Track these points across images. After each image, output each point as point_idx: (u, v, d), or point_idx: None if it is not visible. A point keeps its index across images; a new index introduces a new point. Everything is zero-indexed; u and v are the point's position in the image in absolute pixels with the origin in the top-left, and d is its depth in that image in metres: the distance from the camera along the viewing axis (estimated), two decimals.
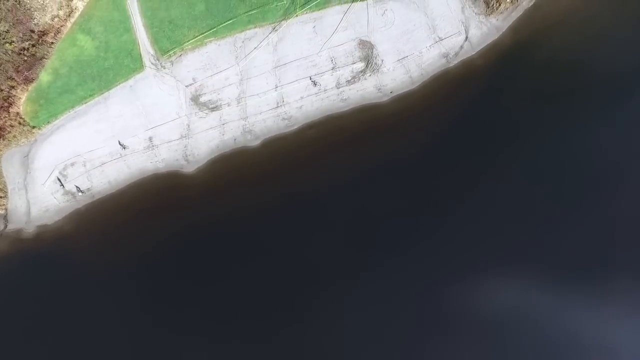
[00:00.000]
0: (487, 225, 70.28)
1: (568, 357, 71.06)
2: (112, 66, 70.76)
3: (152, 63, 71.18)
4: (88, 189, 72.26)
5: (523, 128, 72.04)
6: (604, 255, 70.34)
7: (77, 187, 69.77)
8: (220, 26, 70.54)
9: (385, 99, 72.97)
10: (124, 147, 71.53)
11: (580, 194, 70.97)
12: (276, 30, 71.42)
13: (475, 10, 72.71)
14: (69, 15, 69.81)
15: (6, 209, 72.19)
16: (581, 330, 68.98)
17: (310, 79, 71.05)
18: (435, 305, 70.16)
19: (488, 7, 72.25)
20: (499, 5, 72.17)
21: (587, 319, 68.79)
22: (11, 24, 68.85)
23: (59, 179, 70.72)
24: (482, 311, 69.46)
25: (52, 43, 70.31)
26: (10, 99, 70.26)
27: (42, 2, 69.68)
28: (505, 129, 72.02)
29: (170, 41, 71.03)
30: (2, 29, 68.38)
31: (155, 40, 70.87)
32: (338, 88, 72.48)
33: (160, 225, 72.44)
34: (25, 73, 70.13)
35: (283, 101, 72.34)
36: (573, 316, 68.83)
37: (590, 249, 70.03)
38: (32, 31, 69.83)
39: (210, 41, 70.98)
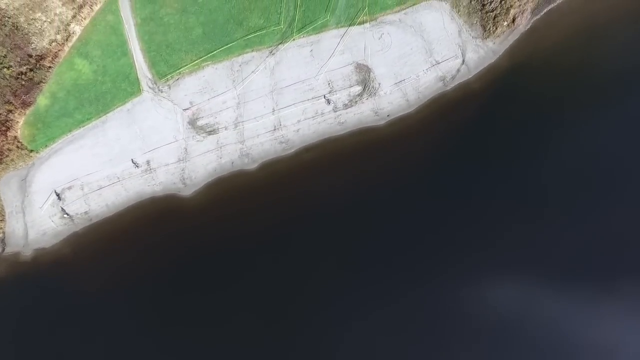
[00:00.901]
0: (490, 229, 69.67)
1: (570, 358, 70.11)
2: (110, 90, 69.54)
3: (149, 87, 70.03)
4: (86, 212, 71.46)
5: (519, 151, 71.65)
6: (606, 256, 69.47)
7: (62, 208, 68.70)
8: (218, 50, 69.55)
9: (382, 122, 71.92)
10: (137, 165, 70.31)
11: (582, 197, 70.66)
12: (273, 54, 70.22)
13: (472, 34, 71.74)
14: (67, 40, 68.57)
15: (4, 232, 70.87)
16: (583, 331, 67.93)
17: (325, 97, 70.22)
18: (437, 306, 69.17)
19: (485, 31, 71.30)
20: (496, 28, 71.19)
21: (589, 320, 67.84)
22: (9, 49, 67.67)
23: (58, 196, 70.10)
24: (484, 312, 68.53)
25: (50, 67, 69.00)
26: (7, 122, 68.75)
27: (39, 26, 68.90)
28: (502, 152, 71.52)
29: (167, 65, 69.83)
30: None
31: (152, 64, 69.74)
32: (335, 111, 71.20)
33: (158, 248, 71.14)
34: (23, 97, 68.82)
35: (280, 124, 71.20)
36: (575, 317, 68.01)
37: (592, 250, 69.30)
38: (30, 55, 68.95)
39: (208, 65, 69.85)
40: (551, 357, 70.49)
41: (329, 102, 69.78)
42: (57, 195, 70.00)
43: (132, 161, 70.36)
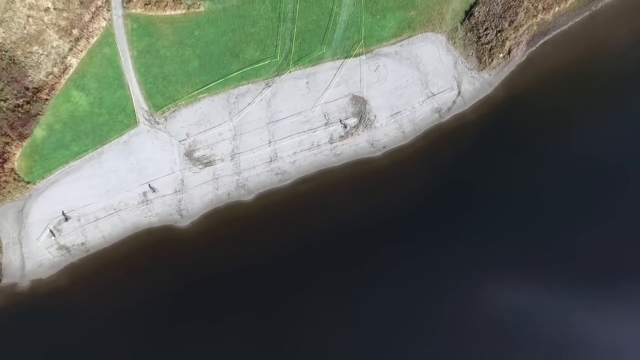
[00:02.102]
0: (494, 230, 69.03)
1: (574, 357, 68.85)
2: (106, 122, 68.10)
3: (146, 119, 68.58)
4: (82, 243, 70.12)
5: (515, 182, 70.63)
6: (609, 257, 68.29)
7: (51, 230, 67.57)
8: (214, 82, 67.93)
9: (378, 153, 70.35)
10: (154, 190, 69.30)
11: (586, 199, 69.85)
12: (269, 86, 68.55)
13: (467, 66, 70.29)
14: (64, 72, 66.94)
15: (0, 264, 68.54)
16: (585, 331, 66.89)
17: (341, 122, 69.00)
18: (441, 307, 68.34)
19: (480, 63, 69.74)
20: (492, 60, 69.65)
21: (590, 320, 66.77)
22: (6, 82, 65.47)
23: (52, 233, 69.26)
24: (486, 313, 67.55)
25: (47, 99, 67.19)
26: (4, 155, 66.92)
27: (36, 59, 67.72)
28: (498, 183, 70.46)
29: (164, 97, 68.33)
30: None
31: (149, 96, 68.26)
32: (331, 143, 69.58)
33: (155, 279, 69.46)
34: (20, 129, 67.10)
35: (276, 156, 69.53)
36: (577, 317, 66.84)
37: (595, 251, 68.17)
38: (27, 88, 67.29)
39: (204, 97, 68.32)
40: (552, 357, 69.18)
41: (345, 126, 68.85)
42: (54, 226, 69.21)
43: (149, 186, 69.24)
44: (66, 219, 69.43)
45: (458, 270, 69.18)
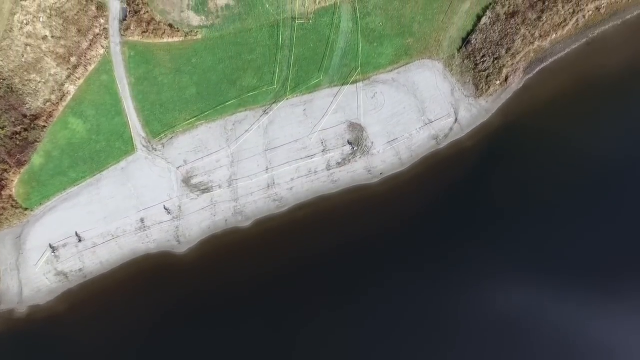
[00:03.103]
0: (491, 252, 67.93)
1: (571, 358, 67.99)
2: (104, 148, 67.04)
3: (143, 145, 67.54)
4: (80, 269, 68.97)
5: (512, 208, 69.98)
6: (608, 257, 67.40)
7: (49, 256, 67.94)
8: (211, 110, 66.84)
9: (375, 180, 68.95)
10: (168, 211, 68.52)
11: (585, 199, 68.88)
12: (267, 113, 67.48)
13: (464, 93, 69.04)
14: (61, 99, 65.95)
15: None
16: (584, 331, 66.04)
17: (349, 142, 67.50)
18: (440, 307, 67.76)
19: (477, 89, 68.48)
20: (488, 87, 68.34)
21: (590, 320, 66.02)
22: (3, 109, 64.39)
23: (52, 253, 68.49)
24: (485, 313, 66.84)
25: (44, 126, 66.04)
26: (2, 181, 65.96)
27: (34, 87, 66.72)
28: (495, 210, 69.76)
29: (161, 124, 67.21)
30: None
31: (146, 123, 67.12)
32: (328, 170, 68.31)
33: (152, 305, 68.10)
34: (17, 156, 65.86)
35: (274, 183, 68.26)
36: (577, 317, 66.22)
37: (595, 252, 67.25)
38: (24, 115, 65.80)
39: (201, 124, 67.15)
40: (552, 357, 68.19)
41: (353, 147, 68.19)
42: (52, 251, 68.67)
43: (164, 207, 68.49)
44: (64, 245, 68.85)
45: (457, 291, 68.71)
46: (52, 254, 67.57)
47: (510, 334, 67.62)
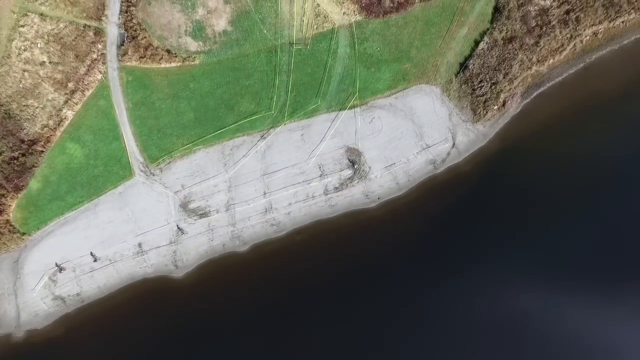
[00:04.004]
0: (489, 276, 67.46)
1: (572, 358, 67.65)
2: (102, 173, 66.04)
3: (141, 170, 66.56)
4: (78, 294, 68.00)
5: (509, 233, 69.48)
6: (608, 257, 67.42)
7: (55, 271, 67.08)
8: (209, 135, 66.00)
9: (372, 204, 68.11)
10: (182, 232, 67.08)
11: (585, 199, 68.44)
12: (264, 138, 66.50)
13: (462, 118, 68.13)
14: (59, 125, 64.92)
15: None
16: (585, 331, 65.77)
17: (353, 163, 66.88)
18: (440, 308, 67.60)
19: (475, 114, 67.53)
20: (486, 112, 67.35)
21: (592, 321, 65.71)
22: (1, 135, 63.37)
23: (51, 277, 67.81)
24: (487, 313, 66.65)
25: (42, 151, 64.97)
26: (0, 206, 66.59)
27: (32, 112, 65.65)
28: (493, 235, 69.13)
29: (159, 149, 66.22)
30: None
31: (144, 148, 66.21)
32: (326, 194, 67.47)
33: (150, 329, 67.12)
34: (15, 181, 64.82)
35: (271, 207, 67.31)
36: (578, 317, 65.93)
37: (596, 252, 67.36)
38: (22, 141, 64.72)
39: (199, 149, 66.25)
40: (553, 357, 67.98)
41: (354, 165, 66.91)
42: (49, 277, 68.10)
43: (178, 227, 67.51)
44: (61, 270, 68.30)
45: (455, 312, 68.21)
46: (55, 276, 66.79)
47: (507, 333, 67.64)
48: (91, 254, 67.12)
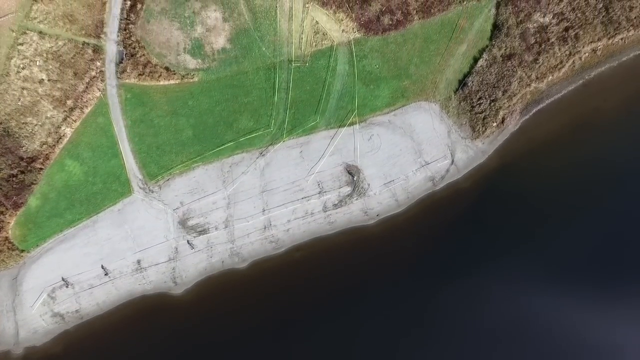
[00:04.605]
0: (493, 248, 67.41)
1: (573, 358, 67.48)
2: (101, 190, 65.49)
3: (140, 187, 65.96)
4: (77, 311, 67.54)
5: (509, 251, 69.21)
6: (608, 257, 67.31)
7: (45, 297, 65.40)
8: (208, 152, 65.56)
9: (371, 221, 67.59)
10: (192, 246, 66.47)
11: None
12: (263, 155, 65.92)
13: (461, 135, 67.55)
14: (58, 142, 64.36)
15: None
16: (588, 331, 65.54)
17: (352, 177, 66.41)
18: (440, 326, 67.28)
19: (474, 132, 67.09)
20: (485, 129, 66.89)
21: (594, 320, 65.51)
22: (0, 153, 64.09)
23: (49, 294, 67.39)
24: (487, 313, 66.59)
25: (41, 169, 64.32)
26: None
27: (30, 130, 64.97)
28: (492, 252, 68.87)
29: (158, 166, 65.61)
30: None
31: (143, 165, 65.64)
32: (325, 211, 66.89)
33: (149, 346, 67.03)
34: (14, 198, 64.11)
35: (270, 224, 66.83)
36: (578, 317, 65.70)
37: (597, 252, 67.18)
38: (21, 158, 64.05)
39: (198, 166, 65.67)
40: (554, 357, 67.69)
41: (353, 177, 66.44)
42: (48, 294, 67.72)
43: (188, 242, 67.17)
44: (60, 287, 67.97)
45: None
46: (54, 293, 66.41)
47: (507, 333, 67.54)
48: (102, 267, 66.34)
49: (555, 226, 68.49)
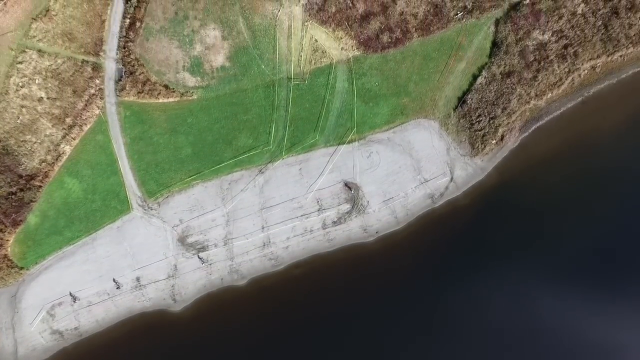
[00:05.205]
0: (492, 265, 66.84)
1: (574, 358, 67.07)
2: (100, 208, 64.97)
3: (139, 205, 65.50)
4: (76, 328, 66.64)
5: (509, 267, 68.73)
6: (609, 257, 67.04)
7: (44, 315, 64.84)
8: (207, 170, 65.07)
9: (371, 238, 67.00)
10: (203, 261, 66.47)
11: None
12: (263, 172, 65.35)
13: (460, 152, 66.99)
14: (57, 159, 63.91)
15: None
16: (586, 331, 65.22)
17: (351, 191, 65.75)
18: (442, 309, 66.95)
19: (473, 149, 66.56)
20: (484, 146, 66.19)
21: (592, 320, 65.32)
22: None
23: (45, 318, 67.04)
24: (487, 313, 66.16)
25: (40, 186, 63.89)
26: None
27: (30, 147, 64.25)
28: (491, 269, 68.63)
29: (157, 183, 65.06)
30: None
31: (142, 183, 65.13)
32: (324, 229, 66.32)
33: None
34: (13, 216, 63.68)
35: (269, 242, 66.19)
36: (579, 317, 65.52)
37: (595, 251, 66.88)
38: (20, 176, 63.56)
39: (197, 183, 65.11)
40: (555, 357, 67.30)
41: (352, 191, 65.51)
42: (48, 311, 67.39)
43: (199, 257, 66.40)
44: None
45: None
46: (53, 310, 65.99)
47: (507, 333, 67.32)
48: (114, 280, 66.11)
49: (555, 244, 67.93)
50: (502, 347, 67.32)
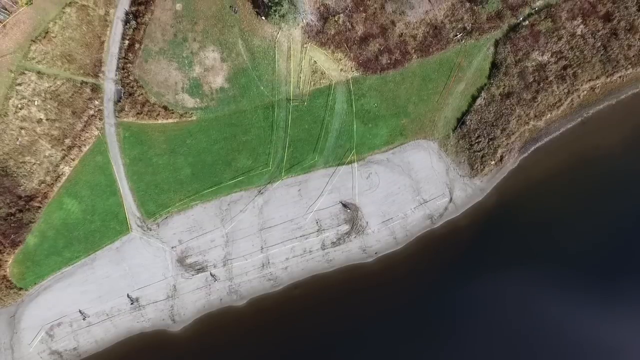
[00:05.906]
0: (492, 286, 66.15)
1: (574, 358, 66.52)
2: (99, 228, 64.46)
3: (138, 225, 64.93)
4: (74, 349, 66.75)
5: (507, 288, 68.47)
6: (609, 257, 66.50)
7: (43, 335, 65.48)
8: (207, 191, 64.66)
9: (370, 259, 66.34)
10: (214, 277, 66.29)
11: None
12: (262, 193, 64.89)
13: (459, 173, 66.56)
14: (56, 180, 63.42)
15: None
16: (587, 331, 64.80)
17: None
18: (443, 308, 66.65)
19: (472, 169, 65.93)
20: (484, 167, 65.66)
21: (593, 320, 64.82)
22: None
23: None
24: (488, 313, 65.81)
25: (39, 207, 63.41)
26: None
27: (29, 169, 63.95)
28: (490, 288, 68.56)
29: (156, 204, 64.51)
30: None
31: (141, 204, 64.56)
32: (323, 249, 65.76)
33: None
34: (12, 237, 63.05)
35: (269, 262, 65.57)
36: (579, 317, 65.02)
37: (599, 252, 66.35)
38: (19, 197, 63.13)
39: (196, 204, 64.55)
40: (555, 357, 66.70)
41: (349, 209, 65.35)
42: (46, 332, 67.08)
43: (211, 274, 66.26)
44: (58, 325, 67.30)
45: None
46: (52, 331, 65.63)
47: (508, 333, 66.80)
48: (128, 295, 65.99)
49: (556, 264, 67.54)
50: None
